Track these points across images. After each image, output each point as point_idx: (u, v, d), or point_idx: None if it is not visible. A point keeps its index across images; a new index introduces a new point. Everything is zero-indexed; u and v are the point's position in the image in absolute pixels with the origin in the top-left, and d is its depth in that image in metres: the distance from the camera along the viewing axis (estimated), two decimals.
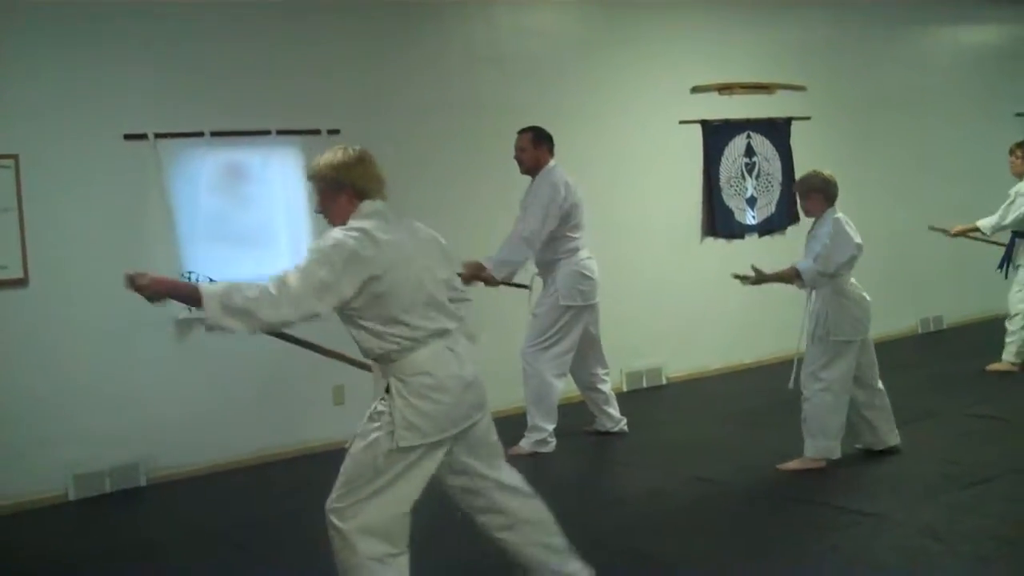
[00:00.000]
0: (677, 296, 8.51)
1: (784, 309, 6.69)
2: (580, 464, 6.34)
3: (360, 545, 3.47)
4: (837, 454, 5.69)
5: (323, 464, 6.64)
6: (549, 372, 6.40)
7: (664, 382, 8.42)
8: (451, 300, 3.72)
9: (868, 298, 5.73)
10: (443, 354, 3.56)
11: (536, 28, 8.00)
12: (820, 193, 5.70)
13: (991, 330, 8.58)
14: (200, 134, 6.49)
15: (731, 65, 8.86)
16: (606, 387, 6.84)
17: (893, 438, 5.86)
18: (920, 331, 10.07)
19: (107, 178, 6.29)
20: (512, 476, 3.84)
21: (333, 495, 3.55)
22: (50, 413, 6.08)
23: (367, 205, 3.61)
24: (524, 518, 3.79)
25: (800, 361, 5.77)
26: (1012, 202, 7.91)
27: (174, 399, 6.45)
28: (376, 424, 3.52)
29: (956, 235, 8.33)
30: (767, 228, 9.05)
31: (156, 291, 3.39)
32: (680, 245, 8.65)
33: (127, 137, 6.31)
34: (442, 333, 3.58)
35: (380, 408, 3.54)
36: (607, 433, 6.79)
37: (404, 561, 3.57)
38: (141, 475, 6.36)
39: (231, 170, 6.66)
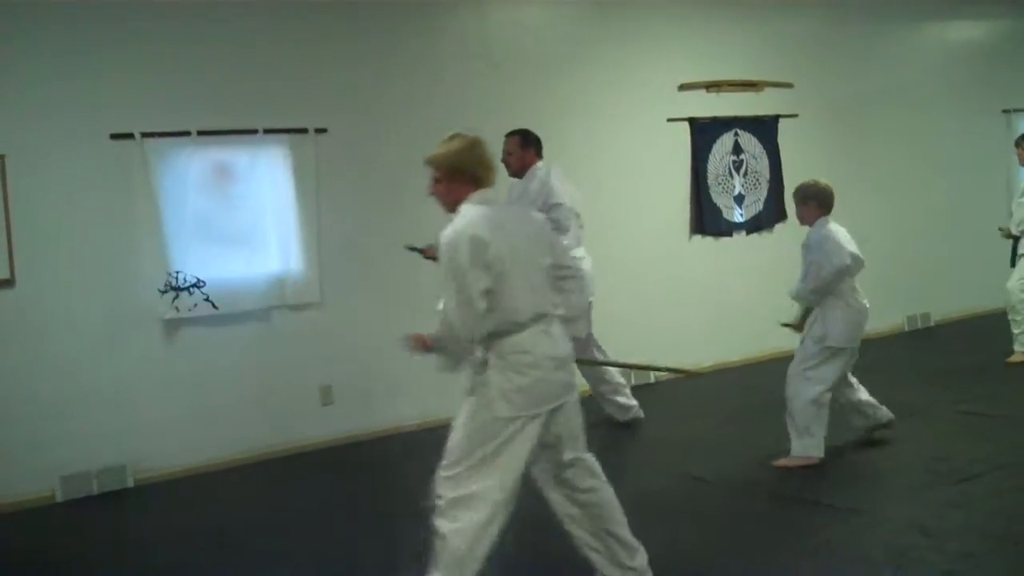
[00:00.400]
0: (665, 294, 8.51)
1: (774, 307, 6.69)
2: None
3: (458, 513, 3.61)
4: (821, 452, 5.70)
5: (311, 464, 6.70)
6: None
7: (653, 380, 8.42)
8: (559, 277, 3.95)
9: (868, 306, 5.76)
10: (539, 335, 3.75)
11: (526, 25, 7.99)
12: (814, 201, 5.73)
13: (978, 326, 8.62)
14: (187, 133, 6.46)
15: (719, 63, 8.87)
16: (609, 375, 6.88)
17: (885, 413, 5.92)
18: (907, 328, 10.08)
19: (94, 178, 6.27)
20: (592, 461, 3.97)
21: (441, 465, 3.70)
22: (37, 414, 6.06)
23: (476, 195, 3.84)
24: (595, 502, 3.93)
25: None
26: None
27: (162, 400, 6.44)
28: (474, 398, 3.72)
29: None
30: (755, 226, 9.06)
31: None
32: (668, 243, 8.64)
33: (113, 136, 6.29)
34: (540, 317, 3.76)
35: (477, 382, 3.73)
36: (620, 424, 6.87)
37: (496, 529, 3.65)
38: (129, 476, 6.34)
39: (218, 169, 6.63)
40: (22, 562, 5.16)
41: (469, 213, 3.74)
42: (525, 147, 6.50)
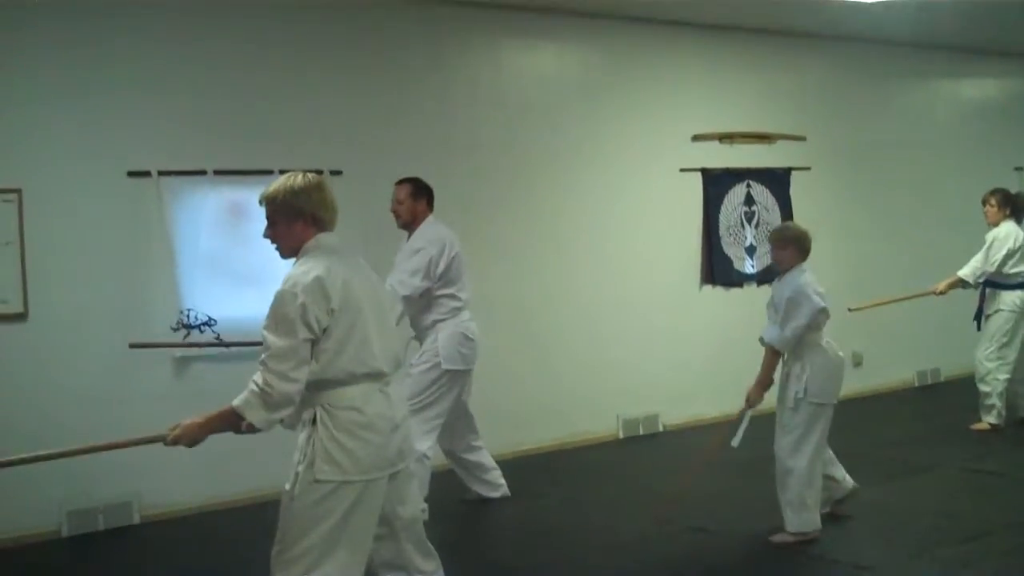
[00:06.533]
0: (675, 343, 8.52)
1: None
2: (573, 511, 6.31)
3: None
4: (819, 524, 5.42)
5: None
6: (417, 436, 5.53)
7: (661, 429, 8.40)
8: None
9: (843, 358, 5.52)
10: (375, 394, 3.54)
11: (540, 72, 8.06)
12: (795, 245, 5.50)
13: None
14: (203, 172, 6.52)
15: (732, 114, 8.93)
16: (482, 454, 6.44)
17: (845, 487, 5.68)
18: (917, 384, 10.06)
19: (110, 214, 6.31)
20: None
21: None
22: (44, 448, 6.04)
23: (324, 237, 3.59)
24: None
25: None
26: (990, 246, 7.95)
27: None
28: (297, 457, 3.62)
29: (943, 292, 8.27)
30: (766, 277, 9.04)
31: (193, 437, 3.61)
32: (679, 292, 8.66)
33: (130, 174, 6.34)
34: (379, 375, 3.56)
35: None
36: (487, 500, 6.44)
37: None
38: (135, 512, 6.32)
39: (233, 208, 6.66)
40: None
41: (312, 266, 3.54)
42: (417, 197, 6.07)
